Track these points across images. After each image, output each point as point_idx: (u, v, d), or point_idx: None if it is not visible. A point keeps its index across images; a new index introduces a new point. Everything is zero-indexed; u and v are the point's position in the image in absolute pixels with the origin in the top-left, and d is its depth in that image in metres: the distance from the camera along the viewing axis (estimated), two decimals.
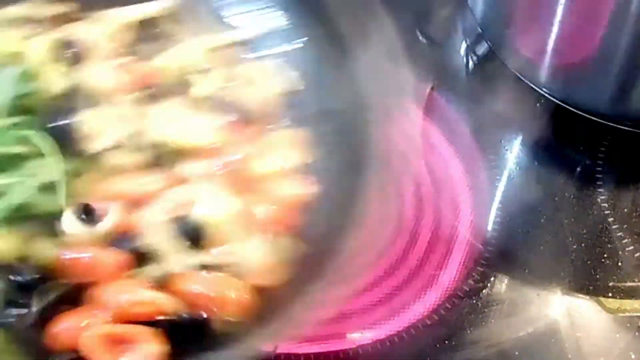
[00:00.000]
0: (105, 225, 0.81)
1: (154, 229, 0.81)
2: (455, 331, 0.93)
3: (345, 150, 0.88)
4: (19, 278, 0.77)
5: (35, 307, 0.75)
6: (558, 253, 0.88)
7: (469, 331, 0.92)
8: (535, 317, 0.99)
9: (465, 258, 0.99)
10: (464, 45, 1.21)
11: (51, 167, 0.82)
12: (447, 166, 1.10)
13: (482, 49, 1.18)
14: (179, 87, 0.92)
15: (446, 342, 0.91)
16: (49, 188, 0.81)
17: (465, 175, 1.09)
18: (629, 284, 1.02)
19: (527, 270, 0.99)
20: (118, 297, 0.76)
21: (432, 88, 1.16)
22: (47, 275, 0.77)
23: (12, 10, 0.94)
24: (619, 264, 1.03)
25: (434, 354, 0.90)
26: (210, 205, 0.82)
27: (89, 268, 0.78)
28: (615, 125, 1.11)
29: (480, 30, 1.17)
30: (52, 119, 0.85)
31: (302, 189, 0.87)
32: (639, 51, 1.00)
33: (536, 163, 1.11)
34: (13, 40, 0.92)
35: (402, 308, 0.95)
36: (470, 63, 1.20)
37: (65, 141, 0.84)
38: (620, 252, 1.04)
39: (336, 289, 0.74)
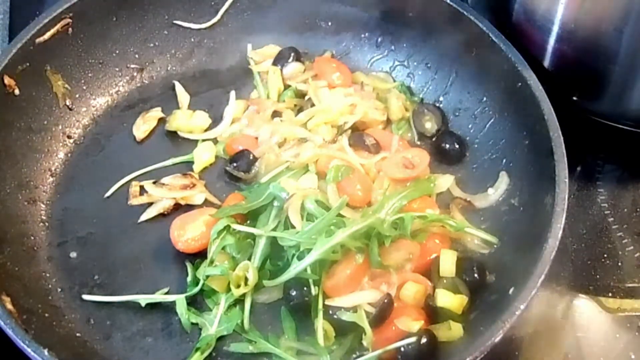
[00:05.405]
0: None
1: None
2: None
3: None
4: None
5: None
6: (558, 253, 0.88)
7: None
8: (535, 317, 0.99)
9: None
10: None
11: None
12: None
13: None
14: None
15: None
16: None
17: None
18: (629, 284, 1.02)
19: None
20: None
21: None
22: None
23: None
24: (619, 264, 1.03)
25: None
26: None
27: None
28: (615, 125, 1.11)
29: None
30: None
31: None
32: (639, 51, 1.00)
33: None
34: None
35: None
36: None
37: None
38: (620, 252, 1.04)
39: None
